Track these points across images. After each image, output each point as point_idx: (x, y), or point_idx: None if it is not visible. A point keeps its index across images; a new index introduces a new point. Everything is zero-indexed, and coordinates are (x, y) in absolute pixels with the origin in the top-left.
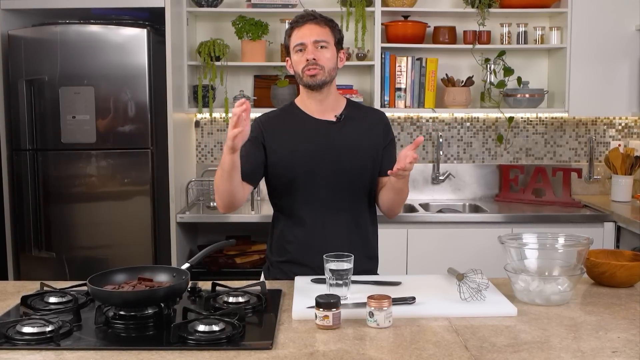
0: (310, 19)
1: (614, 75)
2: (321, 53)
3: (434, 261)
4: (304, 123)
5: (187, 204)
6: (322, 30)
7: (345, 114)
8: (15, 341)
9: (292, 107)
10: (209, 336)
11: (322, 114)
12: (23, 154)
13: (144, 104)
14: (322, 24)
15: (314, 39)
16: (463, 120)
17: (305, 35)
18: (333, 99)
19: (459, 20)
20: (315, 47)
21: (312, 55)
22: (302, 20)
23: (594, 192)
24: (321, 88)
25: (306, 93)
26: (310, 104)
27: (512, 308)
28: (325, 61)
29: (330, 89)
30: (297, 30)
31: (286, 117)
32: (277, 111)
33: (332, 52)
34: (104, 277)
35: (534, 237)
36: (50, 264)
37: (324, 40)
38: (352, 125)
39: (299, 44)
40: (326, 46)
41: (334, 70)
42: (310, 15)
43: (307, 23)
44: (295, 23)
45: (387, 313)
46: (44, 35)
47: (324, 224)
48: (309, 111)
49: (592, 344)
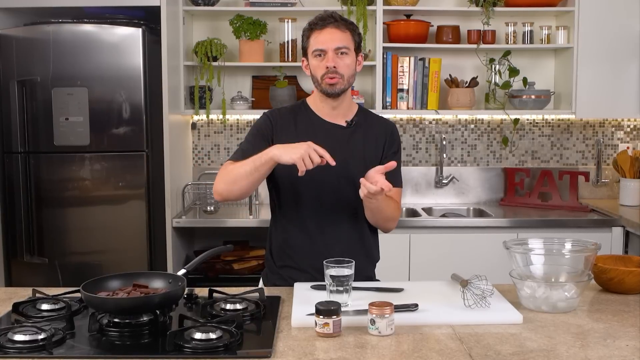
0: (331, 22)
1: (622, 76)
2: (341, 60)
3: (437, 267)
4: (314, 125)
5: (183, 208)
6: (343, 36)
7: (355, 120)
8: (7, 349)
9: (304, 107)
10: (206, 344)
11: (333, 117)
12: (15, 156)
13: (139, 106)
14: (342, 28)
15: (336, 45)
16: (467, 122)
17: (327, 42)
18: (346, 104)
19: (463, 20)
20: (335, 54)
21: (333, 63)
22: (322, 22)
23: (601, 196)
24: (339, 96)
25: (320, 96)
26: (323, 108)
27: (518, 315)
28: (345, 68)
29: (346, 94)
30: (317, 33)
31: (297, 116)
32: (288, 108)
33: (352, 58)
34: (98, 283)
35: (540, 243)
36: (42, 270)
37: (345, 47)
38: (360, 132)
39: (319, 49)
40: (347, 52)
41: (353, 77)
42: (331, 18)
43: (327, 26)
44: (315, 25)
45: (389, 320)
46: (36, 35)
47: (325, 229)
48: (321, 114)
49: (599, 352)
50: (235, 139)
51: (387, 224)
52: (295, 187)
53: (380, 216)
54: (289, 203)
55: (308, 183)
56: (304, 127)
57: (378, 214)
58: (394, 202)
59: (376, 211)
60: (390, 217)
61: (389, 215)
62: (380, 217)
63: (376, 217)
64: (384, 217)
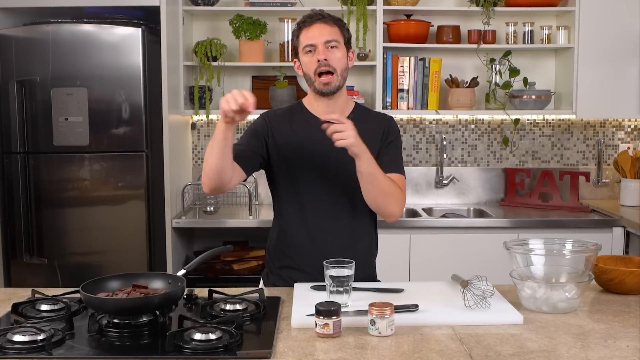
0: (319, 19)
1: (623, 76)
2: (332, 53)
3: (438, 267)
4: (311, 124)
5: (183, 208)
6: (331, 30)
7: (352, 117)
8: (6, 350)
9: (299, 107)
10: (206, 345)
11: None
12: (14, 157)
13: (139, 106)
14: (331, 23)
15: (325, 39)
16: (467, 122)
17: (315, 36)
18: (342, 101)
19: (463, 19)
20: (326, 48)
21: (324, 56)
22: (310, 20)
23: (602, 197)
24: (334, 94)
25: (314, 96)
26: (319, 107)
27: (518, 316)
28: (336, 62)
29: (341, 91)
30: (306, 30)
31: (293, 116)
32: (284, 109)
33: (342, 51)
34: (98, 284)
35: (540, 243)
36: (42, 270)
37: (335, 40)
38: (358, 129)
39: (308, 45)
40: (337, 46)
41: (346, 71)
42: (319, 15)
43: (315, 23)
44: (303, 23)
45: (389, 321)
46: (35, 35)
47: (325, 228)
48: (317, 113)
49: (600, 353)
50: (235, 140)
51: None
52: (295, 185)
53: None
54: (287, 202)
55: (306, 181)
56: (300, 127)
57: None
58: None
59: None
60: (389, 192)
61: (387, 188)
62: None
63: (374, 193)
64: (382, 191)
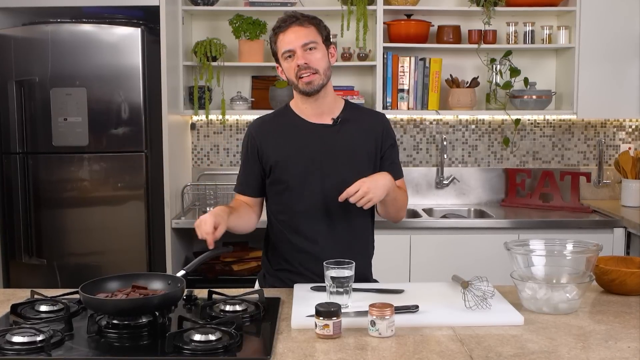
0: (293, 21)
1: (624, 76)
2: (311, 55)
3: (438, 268)
4: (298, 127)
5: (182, 209)
6: (307, 31)
7: (342, 116)
8: (5, 351)
9: (287, 111)
10: (205, 346)
11: (318, 117)
12: (13, 157)
13: (138, 106)
14: (306, 24)
15: (302, 42)
16: (468, 122)
17: (292, 41)
18: (330, 100)
19: (463, 19)
20: (304, 51)
21: (303, 60)
22: (284, 24)
23: (603, 197)
24: (318, 92)
25: (301, 98)
26: (306, 109)
27: (519, 317)
28: (317, 63)
29: (327, 90)
30: (282, 35)
31: (280, 122)
32: (271, 115)
33: (322, 51)
34: (97, 284)
35: (541, 244)
36: (41, 271)
37: (312, 42)
38: (349, 128)
39: (286, 50)
40: (315, 47)
41: (329, 70)
42: (293, 17)
43: (290, 26)
44: (278, 28)
45: (390, 322)
46: (34, 35)
47: (321, 231)
48: (304, 115)
49: (601, 354)
50: (235, 140)
51: (399, 214)
52: (287, 190)
53: (395, 207)
54: (282, 206)
55: (299, 185)
56: (287, 132)
57: (392, 206)
58: (403, 190)
59: (391, 203)
60: (403, 206)
61: (402, 203)
62: (394, 208)
63: (390, 209)
64: (398, 207)
